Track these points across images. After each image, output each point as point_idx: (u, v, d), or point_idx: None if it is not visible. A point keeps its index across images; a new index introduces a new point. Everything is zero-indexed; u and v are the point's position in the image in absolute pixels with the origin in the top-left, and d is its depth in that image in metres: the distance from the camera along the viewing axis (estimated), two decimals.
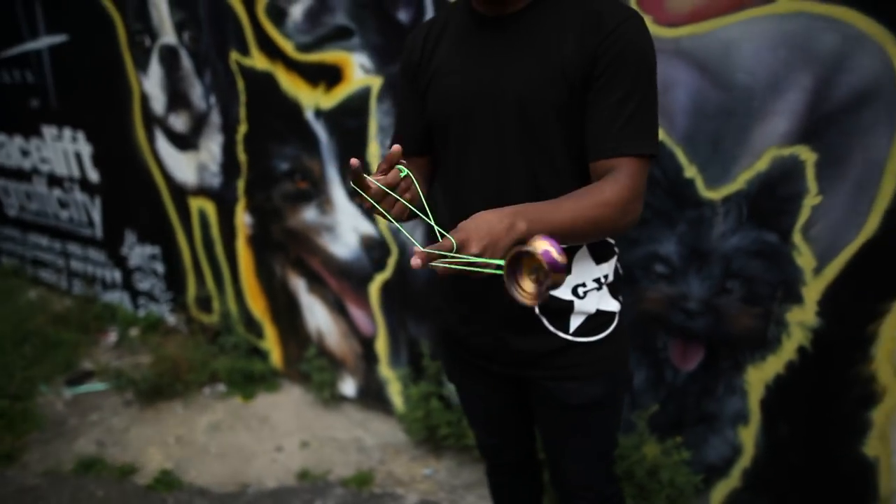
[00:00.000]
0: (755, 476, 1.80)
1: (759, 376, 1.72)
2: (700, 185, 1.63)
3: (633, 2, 1.56)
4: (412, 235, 2.22)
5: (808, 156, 1.47)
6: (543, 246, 0.72)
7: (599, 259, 1.19)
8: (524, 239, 0.82)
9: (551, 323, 1.19)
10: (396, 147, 0.95)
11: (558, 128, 1.07)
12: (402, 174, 0.96)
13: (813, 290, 1.57)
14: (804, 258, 1.55)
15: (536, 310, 1.18)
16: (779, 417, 1.72)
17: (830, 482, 1.69)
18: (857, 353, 1.55)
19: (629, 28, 1.01)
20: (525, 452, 1.54)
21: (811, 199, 1.50)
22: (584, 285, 1.18)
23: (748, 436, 1.79)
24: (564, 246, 1.11)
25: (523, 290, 0.75)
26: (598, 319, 1.21)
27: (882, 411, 1.57)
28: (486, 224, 0.82)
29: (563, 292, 1.17)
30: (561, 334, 1.19)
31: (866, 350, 1.54)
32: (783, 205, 1.54)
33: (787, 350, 1.65)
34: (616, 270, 1.24)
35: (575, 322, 1.19)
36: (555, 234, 0.86)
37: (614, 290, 1.23)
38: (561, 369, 1.22)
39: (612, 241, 1.22)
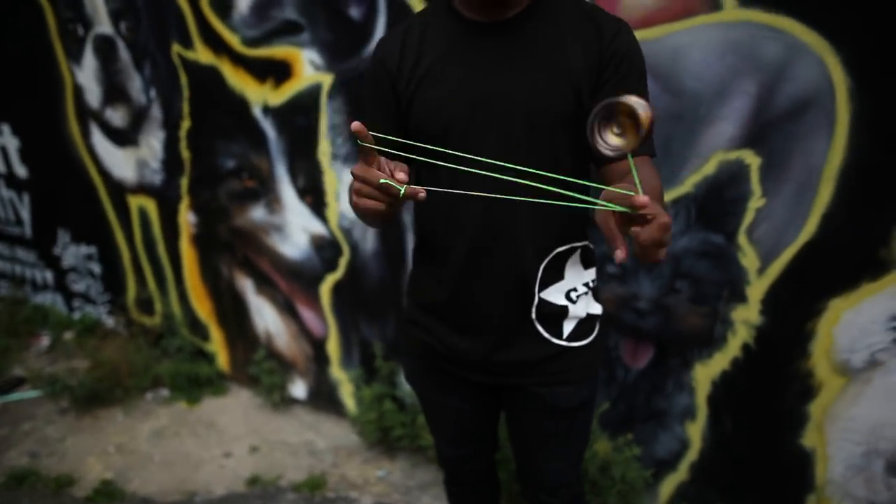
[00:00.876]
0: (702, 469, 1.86)
1: (706, 373, 1.77)
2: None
3: None
4: (364, 240, 2.19)
5: (752, 160, 1.52)
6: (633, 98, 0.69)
7: (587, 264, 1.22)
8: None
9: (546, 329, 1.20)
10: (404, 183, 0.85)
11: (563, 136, 1.07)
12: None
13: (756, 290, 1.62)
14: (748, 259, 1.61)
15: (533, 315, 1.18)
16: (724, 412, 1.79)
17: (771, 472, 1.77)
18: (796, 350, 1.62)
19: (627, 36, 1.05)
20: (488, 462, 1.54)
21: (755, 202, 1.55)
22: (575, 290, 1.20)
23: (695, 431, 1.84)
24: (563, 249, 1.14)
25: (608, 143, 0.73)
26: (587, 323, 1.24)
27: (819, 405, 1.65)
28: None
29: (558, 298, 1.19)
30: (555, 340, 1.21)
31: (805, 347, 1.61)
32: (729, 207, 1.59)
33: (733, 347, 1.71)
34: (594, 276, 1.26)
35: (568, 327, 1.21)
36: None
37: (596, 293, 1.27)
38: (554, 374, 1.23)
39: (592, 246, 1.24)
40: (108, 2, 2.40)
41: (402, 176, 0.83)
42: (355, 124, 0.81)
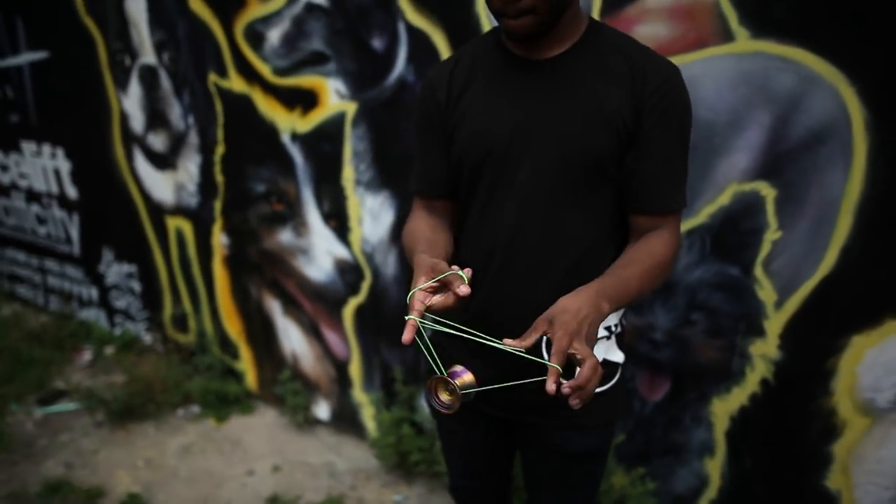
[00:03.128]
0: None
1: (724, 408, 1.72)
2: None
3: None
4: (385, 264, 2.23)
5: (768, 191, 1.50)
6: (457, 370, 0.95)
7: None
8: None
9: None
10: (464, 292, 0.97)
11: (599, 176, 1.07)
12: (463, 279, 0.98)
13: (774, 324, 1.58)
14: (765, 292, 1.57)
15: (544, 355, 1.15)
16: (744, 449, 1.73)
17: None
18: (817, 387, 1.57)
19: (675, 84, 1.03)
20: (501, 496, 1.52)
21: (772, 234, 1.52)
22: None
23: (714, 467, 1.79)
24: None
25: (440, 399, 0.95)
26: (603, 370, 1.19)
27: (843, 445, 1.58)
28: (576, 314, 0.90)
29: None
30: (567, 383, 1.18)
31: (826, 384, 1.55)
32: (745, 239, 1.56)
33: (751, 382, 1.66)
34: (622, 321, 1.23)
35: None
36: (623, 305, 1.02)
37: (620, 340, 1.23)
38: (564, 419, 1.21)
39: None
40: (153, 34, 2.54)
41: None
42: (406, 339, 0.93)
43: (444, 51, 1.84)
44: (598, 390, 1.18)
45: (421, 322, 0.94)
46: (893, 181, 1.35)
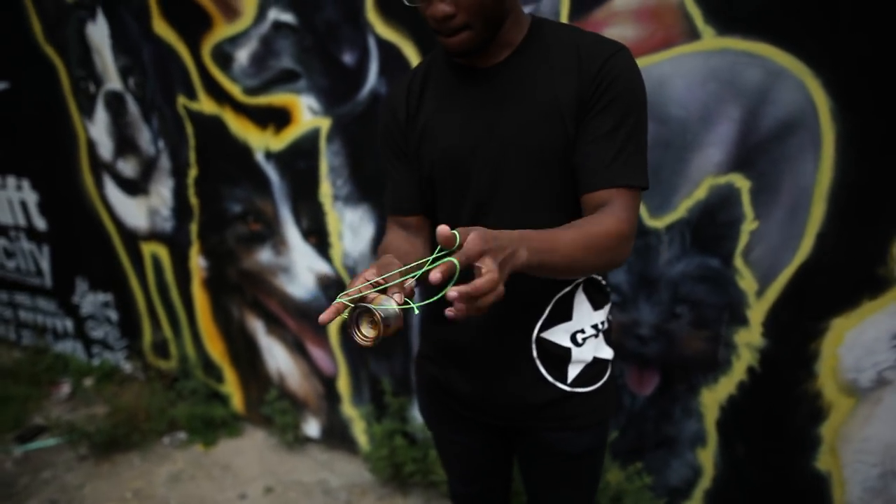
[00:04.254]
0: (716, 496, 1.83)
1: (713, 398, 1.75)
2: (644, 213, 1.67)
3: None
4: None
5: (742, 183, 1.53)
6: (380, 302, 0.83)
7: (597, 305, 1.18)
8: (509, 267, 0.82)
9: (549, 373, 1.18)
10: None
11: (559, 169, 1.06)
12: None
13: (757, 312, 1.62)
14: (746, 281, 1.60)
15: (534, 353, 1.16)
16: (735, 437, 1.76)
17: (788, 498, 1.73)
18: (802, 371, 1.60)
19: (617, 62, 1.00)
20: (501, 500, 1.51)
21: (749, 225, 1.56)
22: (582, 332, 1.17)
23: (707, 457, 1.82)
24: (566, 286, 1.13)
25: (362, 333, 0.86)
26: (594, 368, 1.20)
27: (830, 426, 1.62)
28: (494, 237, 0.80)
29: (562, 339, 1.16)
30: (559, 385, 1.18)
31: (810, 367, 1.59)
32: (723, 231, 1.59)
33: (738, 371, 1.69)
34: (608, 317, 1.23)
35: (573, 372, 1.18)
36: (553, 265, 0.89)
37: (608, 337, 1.23)
38: (559, 420, 1.21)
39: (608, 287, 1.22)
40: (117, 59, 2.50)
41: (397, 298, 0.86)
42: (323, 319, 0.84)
43: (416, 62, 1.85)
44: (589, 389, 1.20)
45: (348, 302, 0.86)
46: (861, 167, 1.40)
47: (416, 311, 0.84)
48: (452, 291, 0.74)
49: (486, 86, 1.07)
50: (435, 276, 0.75)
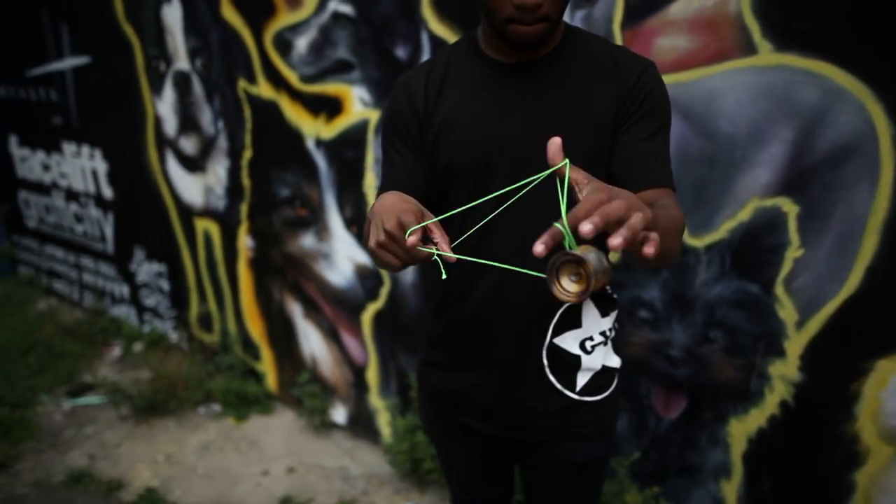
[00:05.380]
0: None
1: (741, 429, 1.68)
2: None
3: None
4: (404, 272, 2.23)
5: (790, 208, 1.46)
6: (591, 252, 0.73)
7: (604, 312, 1.17)
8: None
9: (558, 381, 1.16)
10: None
11: (591, 174, 1.05)
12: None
13: (795, 345, 1.53)
14: (786, 311, 1.52)
15: (545, 361, 1.15)
16: (762, 473, 1.68)
17: None
18: (840, 412, 1.51)
19: (653, 74, 1.05)
20: None
21: (793, 252, 1.48)
22: (591, 339, 1.16)
23: (731, 490, 1.74)
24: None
25: (564, 289, 0.75)
26: (603, 377, 1.18)
27: (866, 474, 1.52)
28: (629, 196, 0.76)
29: (572, 346, 1.15)
30: (568, 393, 1.16)
31: (850, 409, 1.50)
32: (765, 256, 1.52)
33: (770, 404, 1.61)
34: (615, 325, 1.21)
35: (581, 380, 1.17)
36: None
37: (615, 344, 1.22)
38: (566, 429, 1.19)
39: (614, 294, 1.20)
40: (187, 41, 2.61)
41: (445, 247, 0.86)
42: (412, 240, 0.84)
43: None
44: (597, 398, 1.18)
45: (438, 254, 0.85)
46: None
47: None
48: (616, 238, 0.66)
49: (520, 82, 1.06)
50: (538, 248, 0.70)
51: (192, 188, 2.90)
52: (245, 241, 2.77)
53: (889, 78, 1.28)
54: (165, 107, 2.83)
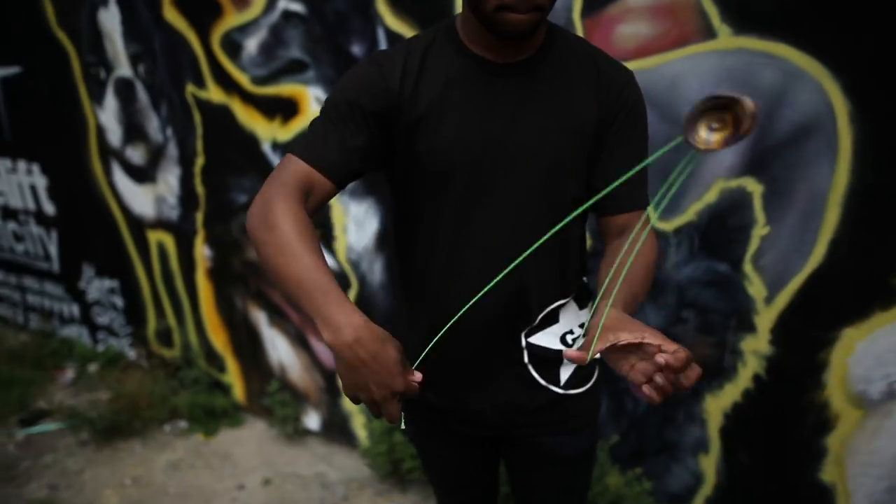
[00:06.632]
0: None
1: (717, 404, 1.72)
2: (652, 215, 1.64)
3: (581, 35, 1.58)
4: (371, 272, 2.21)
5: (754, 187, 1.50)
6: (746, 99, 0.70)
7: (582, 304, 1.17)
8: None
9: (542, 376, 1.15)
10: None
11: (569, 182, 1.05)
12: None
13: (765, 319, 1.58)
14: (755, 287, 1.57)
15: (525, 358, 1.14)
16: (738, 445, 1.73)
17: None
18: (809, 381, 1.57)
19: (633, 88, 1.05)
20: None
21: (759, 230, 1.52)
22: (571, 332, 1.15)
23: (709, 464, 1.79)
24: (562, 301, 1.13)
25: (702, 137, 0.74)
26: (585, 368, 1.18)
27: (837, 437, 1.58)
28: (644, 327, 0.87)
29: (551, 342, 1.14)
30: (552, 387, 1.16)
31: (818, 377, 1.55)
32: (733, 235, 1.56)
33: (743, 378, 1.66)
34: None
35: (564, 374, 1.16)
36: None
37: None
38: (553, 423, 1.19)
39: (587, 280, 1.20)
40: (127, 46, 2.50)
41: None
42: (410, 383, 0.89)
43: None
44: (581, 390, 1.18)
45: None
46: (879, 172, 1.36)
47: None
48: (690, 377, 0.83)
49: (503, 83, 1.02)
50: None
51: (142, 199, 2.78)
52: (203, 251, 2.68)
53: (844, 57, 1.33)
54: (108, 116, 2.71)
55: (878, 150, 1.35)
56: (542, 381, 1.15)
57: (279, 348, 2.63)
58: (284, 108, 2.15)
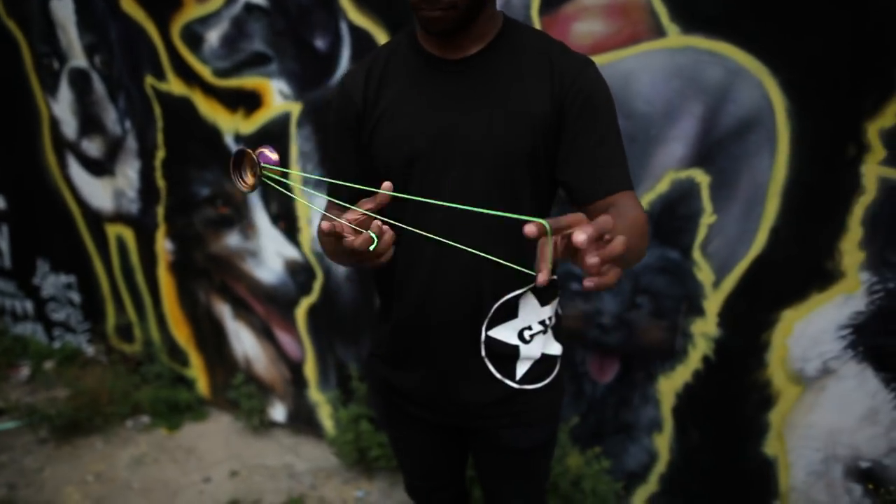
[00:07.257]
0: (671, 480, 1.90)
1: (669, 385, 1.81)
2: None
3: None
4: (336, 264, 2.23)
5: (702, 178, 1.58)
6: (261, 149, 0.88)
7: (544, 301, 1.18)
8: None
9: (498, 370, 1.18)
10: (386, 187, 0.89)
11: (524, 175, 1.06)
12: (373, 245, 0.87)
13: (713, 303, 1.68)
14: (703, 273, 1.66)
15: (483, 352, 1.16)
16: (689, 423, 1.83)
17: (737, 481, 1.81)
18: (753, 361, 1.67)
19: (590, 74, 1.04)
20: (457, 493, 1.52)
21: (707, 218, 1.61)
22: (529, 328, 1.17)
23: (663, 442, 1.88)
24: (519, 292, 1.12)
25: (244, 181, 0.89)
26: (543, 365, 1.20)
27: (778, 413, 1.69)
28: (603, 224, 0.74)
29: (509, 336, 1.16)
30: (507, 382, 1.18)
31: (761, 357, 1.66)
32: (683, 224, 1.64)
33: (693, 360, 1.76)
34: (557, 311, 1.23)
35: (521, 369, 1.19)
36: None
37: (557, 331, 1.23)
38: (508, 416, 1.22)
39: (557, 281, 1.21)
40: (82, 36, 2.45)
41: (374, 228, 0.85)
42: (325, 225, 0.85)
43: None
44: (537, 385, 1.21)
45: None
46: (814, 166, 1.46)
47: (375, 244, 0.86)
48: (592, 257, 0.66)
49: (455, 79, 1.06)
50: (530, 228, 0.68)
51: (100, 193, 2.74)
52: (164, 245, 2.66)
53: (782, 56, 1.41)
54: (62, 108, 2.65)
55: (814, 144, 1.44)
56: (498, 375, 1.18)
57: (244, 341, 2.63)
58: (247, 101, 2.16)
